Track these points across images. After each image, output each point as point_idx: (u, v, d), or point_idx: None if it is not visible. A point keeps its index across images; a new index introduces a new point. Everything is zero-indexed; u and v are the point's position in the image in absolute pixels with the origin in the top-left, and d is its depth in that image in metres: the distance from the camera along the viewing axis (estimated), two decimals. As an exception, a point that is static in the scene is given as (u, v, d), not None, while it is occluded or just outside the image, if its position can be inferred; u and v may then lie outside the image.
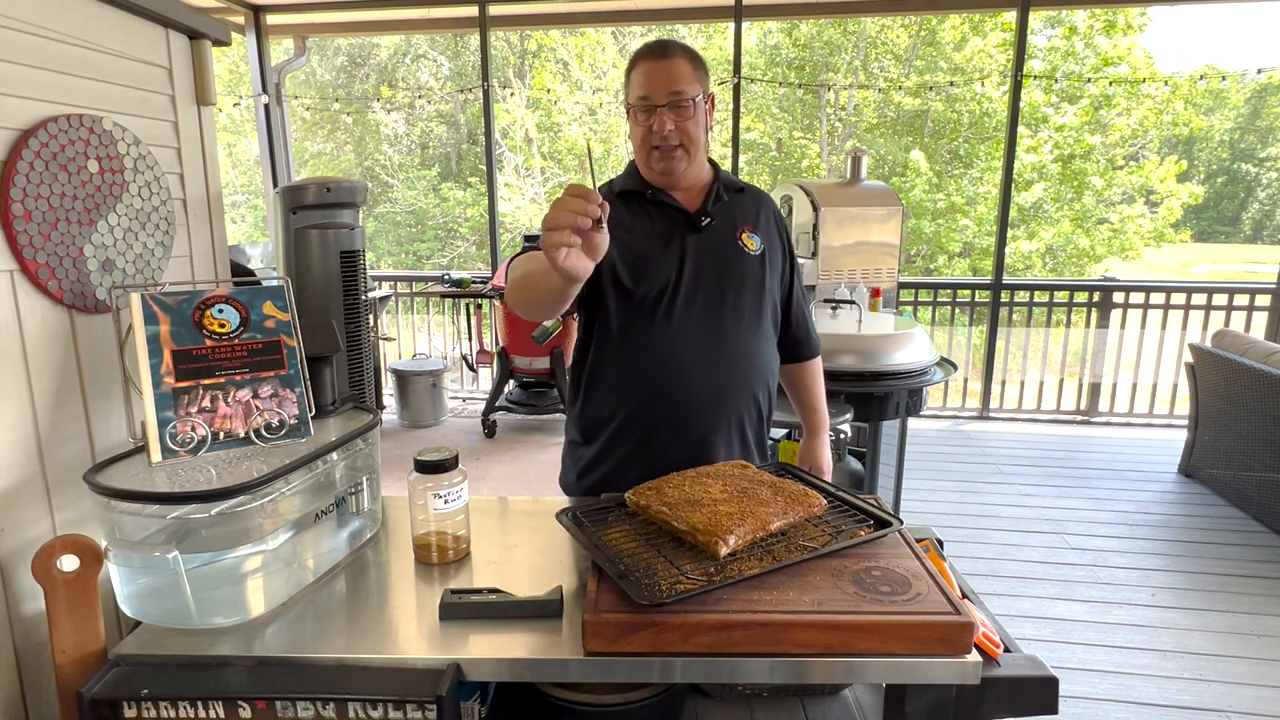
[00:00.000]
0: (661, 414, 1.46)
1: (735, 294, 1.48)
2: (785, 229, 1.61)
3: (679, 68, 1.39)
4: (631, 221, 1.47)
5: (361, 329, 2.89)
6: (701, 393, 1.46)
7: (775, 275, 1.54)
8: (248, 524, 1.00)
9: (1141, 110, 13.18)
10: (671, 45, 1.42)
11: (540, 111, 14.24)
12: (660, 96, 1.39)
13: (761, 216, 1.55)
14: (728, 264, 1.48)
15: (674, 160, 1.43)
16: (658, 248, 1.46)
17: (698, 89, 1.41)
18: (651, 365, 1.45)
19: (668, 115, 1.40)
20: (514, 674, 0.94)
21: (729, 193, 1.53)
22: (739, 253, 1.49)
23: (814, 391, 1.71)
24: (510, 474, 4.28)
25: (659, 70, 1.39)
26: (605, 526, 1.10)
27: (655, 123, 1.40)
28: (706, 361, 1.46)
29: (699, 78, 1.42)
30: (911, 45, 13.60)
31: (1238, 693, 2.33)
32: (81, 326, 1.17)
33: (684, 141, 1.42)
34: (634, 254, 1.44)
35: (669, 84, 1.39)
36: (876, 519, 1.10)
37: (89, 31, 1.19)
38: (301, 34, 5.89)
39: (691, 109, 1.40)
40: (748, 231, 1.51)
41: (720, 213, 1.51)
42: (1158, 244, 13.77)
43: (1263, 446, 3.52)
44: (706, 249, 1.48)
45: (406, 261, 15.86)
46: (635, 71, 1.43)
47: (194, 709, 0.88)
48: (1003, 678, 0.93)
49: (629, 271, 1.44)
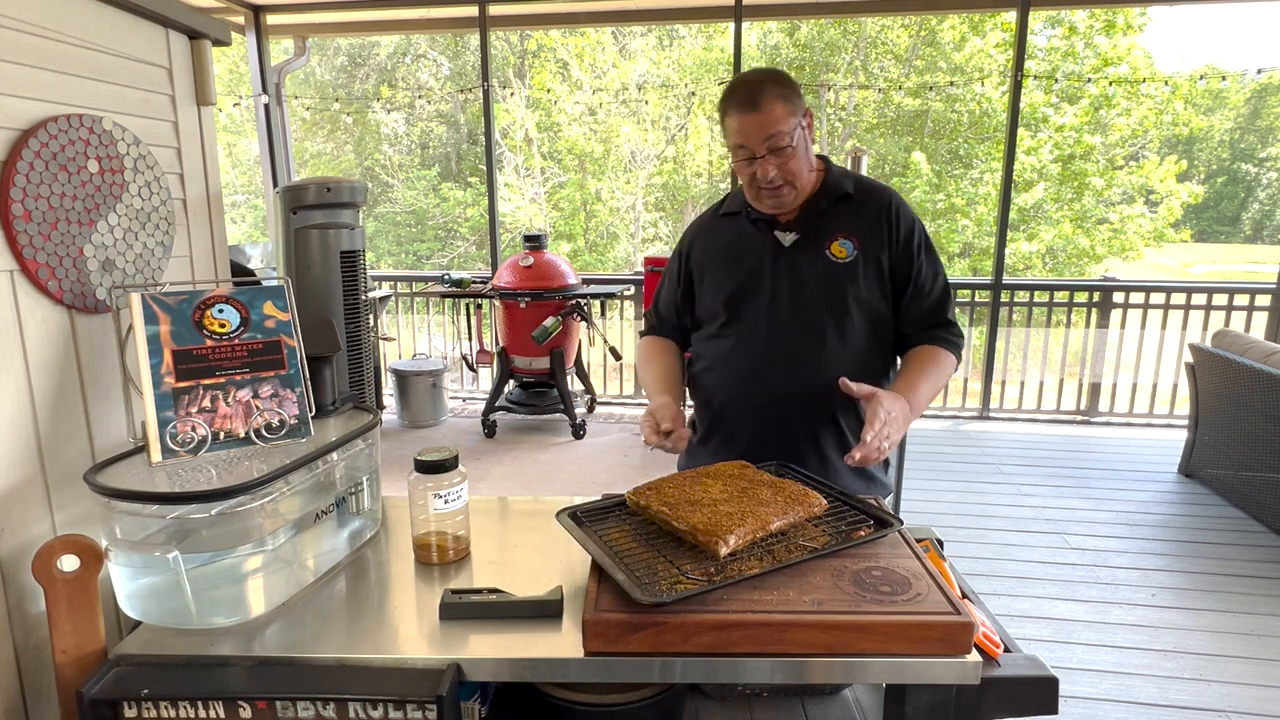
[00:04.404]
0: (729, 417, 1.55)
1: (815, 308, 1.47)
2: (901, 228, 1.50)
3: (771, 114, 1.37)
4: (724, 240, 1.57)
5: (361, 329, 2.89)
6: (763, 404, 1.50)
7: (872, 279, 1.49)
8: (248, 524, 1.00)
9: (1141, 110, 13.19)
10: (760, 92, 1.39)
11: (540, 111, 14.24)
12: (758, 147, 1.40)
13: (865, 220, 1.50)
14: (811, 280, 1.48)
15: (782, 197, 1.46)
16: (743, 265, 1.52)
17: (794, 123, 1.40)
18: (723, 371, 1.55)
19: (769, 162, 1.40)
20: (514, 674, 0.94)
21: (831, 201, 1.50)
22: (826, 264, 1.48)
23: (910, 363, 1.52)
24: (510, 474, 4.28)
25: (751, 123, 1.39)
26: (605, 526, 1.10)
27: (759, 170, 1.42)
28: (772, 373, 1.49)
29: (793, 109, 1.40)
30: (911, 45, 13.60)
31: (1238, 693, 2.33)
32: (81, 326, 1.17)
33: (788, 179, 1.43)
34: (720, 272, 1.55)
35: (764, 131, 1.38)
36: (876, 519, 1.10)
37: (89, 31, 1.19)
38: (301, 34, 5.89)
39: (791, 149, 1.40)
40: (840, 239, 1.48)
41: (811, 225, 1.50)
42: (1158, 244, 13.77)
43: (1263, 446, 3.52)
44: (792, 264, 1.49)
45: (406, 261, 15.86)
46: (728, 120, 1.42)
47: (194, 709, 0.88)
48: (1003, 678, 0.93)
49: (714, 288, 1.55)
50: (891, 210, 1.51)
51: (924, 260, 1.52)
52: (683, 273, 1.64)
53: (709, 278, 1.58)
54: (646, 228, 15.16)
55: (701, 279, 1.59)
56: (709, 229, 1.62)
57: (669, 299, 1.67)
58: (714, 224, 1.62)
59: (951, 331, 1.54)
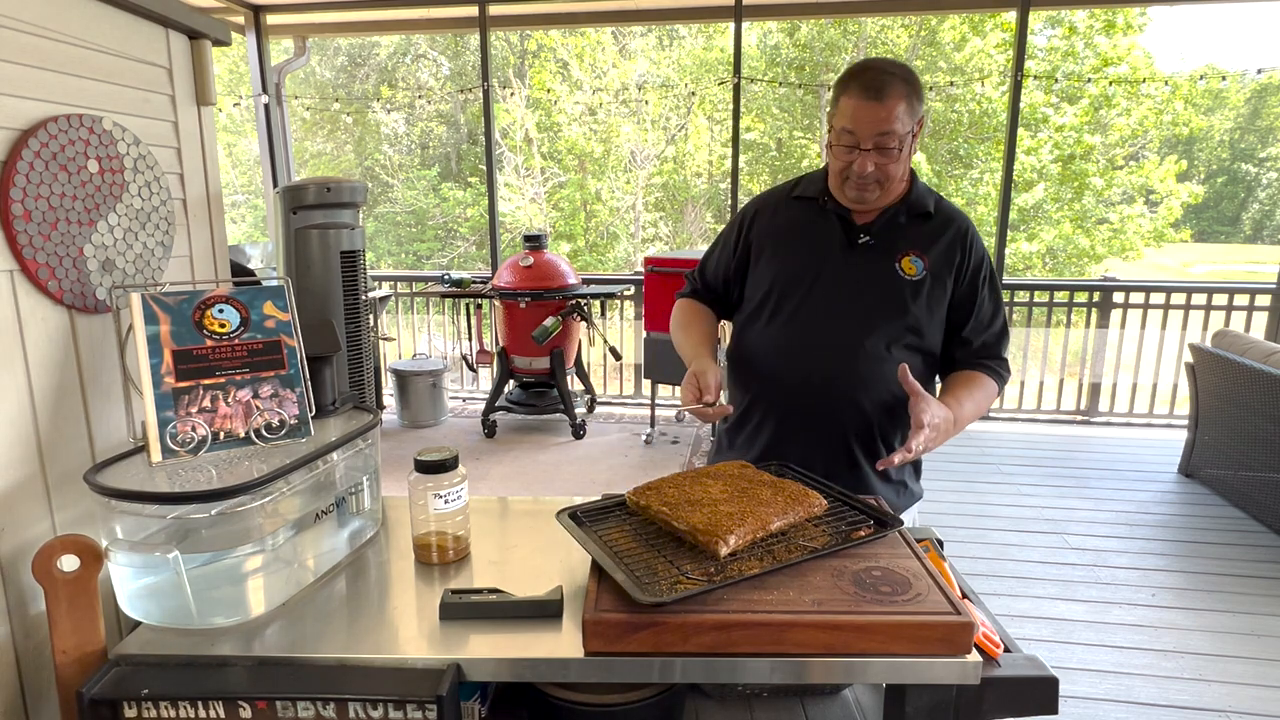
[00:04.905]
0: (766, 408, 1.51)
1: (870, 314, 1.43)
2: (972, 258, 1.47)
3: (891, 109, 1.31)
4: (793, 221, 1.51)
5: (361, 329, 2.89)
6: (798, 396, 1.46)
7: (934, 302, 1.45)
8: (248, 524, 1.00)
9: (1141, 110, 13.19)
10: (887, 83, 1.31)
11: (540, 111, 14.24)
12: (867, 139, 1.33)
13: (940, 243, 1.46)
14: (873, 285, 1.44)
15: (867, 192, 1.40)
16: (806, 251, 1.47)
17: (908, 125, 1.34)
18: (764, 354, 1.50)
19: (870, 158, 1.34)
20: (514, 674, 0.94)
21: (911, 216, 1.46)
22: (893, 276, 1.43)
23: (956, 382, 1.49)
24: (510, 474, 4.28)
25: (871, 113, 1.32)
26: (605, 526, 1.10)
27: (857, 163, 1.35)
28: (811, 371, 1.44)
29: (913, 112, 1.34)
30: (911, 45, 13.60)
31: (1238, 693, 2.33)
32: (82, 326, 1.17)
33: (881, 179, 1.38)
34: (781, 253, 1.50)
35: (878, 126, 1.32)
36: (876, 519, 1.10)
37: (89, 31, 1.19)
38: (301, 34, 5.89)
39: (897, 150, 1.34)
40: (911, 256, 1.44)
41: (886, 234, 1.45)
42: (1158, 244, 13.78)
43: (1263, 446, 3.52)
44: (855, 266, 1.45)
45: (406, 261, 15.86)
46: (845, 100, 1.35)
47: (194, 709, 0.88)
48: (1003, 678, 0.93)
49: (770, 268, 1.50)
50: (967, 238, 1.47)
51: (987, 294, 1.49)
52: (740, 244, 1.58)
53: (767, 255, 1.52)
54: (646, 228, 15.16)
55: (759, 255, 1.54)
56: (777, 207, 1.56)
57: (718, 268, 1.62)
58: (784, 203, 1.55)
59: (1002, 366, 1.51)
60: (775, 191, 1.60)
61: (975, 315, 1.48)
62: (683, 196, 15.07)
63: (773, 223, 1.55)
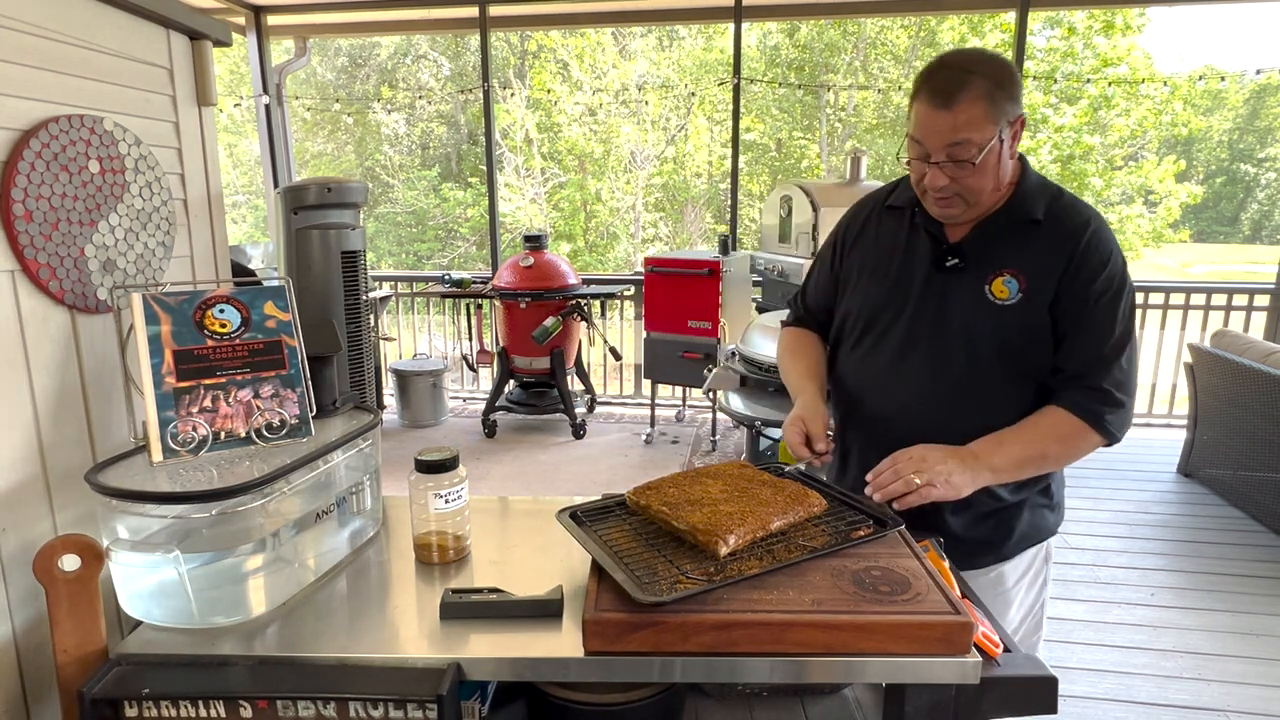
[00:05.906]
0: (853, 437, 1.44)
1: (953, 346, 1.28)
2: (1086, 265, 1.23)
3: (965, 116, 1.14)
4: (884, 241, 1.38)
5: (362, 329, 2.89)
6: (880, 433, 1.34)
7: (1032, 328, 1.25)
8: (249, 524, 1.00)
9: (1140, 111, 13.20)
10: (962, 85, 1.14)
11: (540, 112, 14.24)
12: (936, 150, 1.18)
13: (1044, 253, 1.25)
14: (960, 312, 1.28)
15: (950, 209, 1.24)
16: (894, 275, 1.34)
17: (991, 132, 1.15)
18: (849, 387, 1.42)
19: (944, 171, 1.18)
20: (514, 673, 0.94)
21: (1012, 226, 1.27)
22: (981, 302, 1.26)
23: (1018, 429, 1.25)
24: (510, 474, 4.28)
25: (939, 121, 1.16)
26: (605, 526, 1.10)
27: (929, 176, 1.20)
28: (897, 403, 1.34)
29: (997, 114, 1.15)
30: (911, 46, 13.61)
31: (1238, 692, 2.33)
32: (83, 327, 1.17)
33: (961, 193, 1.21)
34: (872, 280, 1.37)
35: (948, 136, 1.16)
36: (876, 519, 1.10)
37: (90, 32, 1.19)
38: (302, 34, 5.89)
39: (973, 164, 1.16)
40: (1006, 276, 1.25)
41: (979, 250, 1.27)
42: (1157, 244, 13.79)
43: (1262, 446, 3.52)
44: (944, 291, 1.29)
45: (407, 261, 15.87)
46: (916, 104, 1.20)
47: (195, 708, 0.88)
48: (1002, 677, 0.93)
49: (861, 295, 1.39)
50: (1081, 243, 1.24)
51: (1101, 307, 1.23)
52: (835, 265, 1.46)
53: (859, 281, 1.40)
54: (646, 228, 15.17)
55: (851, 280, 1.42)
56: (869, 218, 1.43)
57: (818, 292, 1.51)
58: (878, 213, 1.41)
59: (1101, 401, 1.22)
60: (872, 197, 1.45)
61: (1075, 326, 1.24)
62: (683, 197, 15.08)
63: (866, 242, 1.41)
